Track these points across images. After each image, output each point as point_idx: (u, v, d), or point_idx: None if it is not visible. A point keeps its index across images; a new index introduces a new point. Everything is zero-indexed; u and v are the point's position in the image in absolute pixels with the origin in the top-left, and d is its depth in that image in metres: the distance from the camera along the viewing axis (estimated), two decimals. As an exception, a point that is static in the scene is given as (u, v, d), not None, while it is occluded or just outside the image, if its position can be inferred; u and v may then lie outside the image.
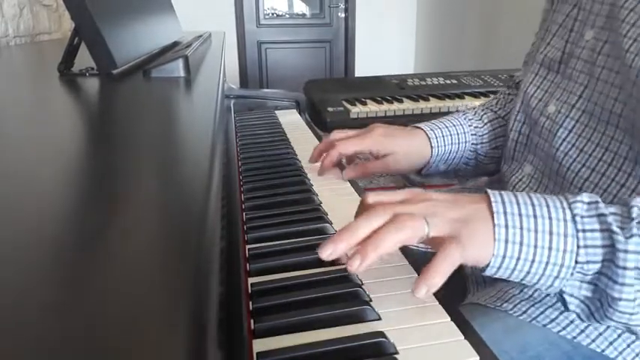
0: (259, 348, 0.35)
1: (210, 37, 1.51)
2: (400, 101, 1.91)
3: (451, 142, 0.75)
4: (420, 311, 0.40)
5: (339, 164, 0.72)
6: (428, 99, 1.93)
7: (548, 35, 0.68)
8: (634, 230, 0.39)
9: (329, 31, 4.06)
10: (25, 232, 0.26)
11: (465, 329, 0.38)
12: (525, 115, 0.69)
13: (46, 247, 0.24)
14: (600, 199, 0.42)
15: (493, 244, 0.41)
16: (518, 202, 0.42)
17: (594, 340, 0.54)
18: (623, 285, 0.39)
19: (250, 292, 0.41)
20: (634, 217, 0.40)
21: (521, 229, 0.41)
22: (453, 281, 0.50)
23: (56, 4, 1.61)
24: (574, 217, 0.41)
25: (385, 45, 4.08)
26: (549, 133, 0.62)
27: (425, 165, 0.75)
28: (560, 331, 0.55)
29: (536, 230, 0.41)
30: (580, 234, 0.41)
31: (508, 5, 2.79)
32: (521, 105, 0.70)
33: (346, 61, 4.14)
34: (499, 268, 0.41)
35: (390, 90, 2.02)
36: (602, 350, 0.54)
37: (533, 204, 0.42)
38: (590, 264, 0.41)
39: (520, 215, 0.42)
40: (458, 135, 0.76)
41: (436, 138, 0.74)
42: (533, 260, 0.41)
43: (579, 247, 0.41)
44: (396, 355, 0.34)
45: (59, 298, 0.20)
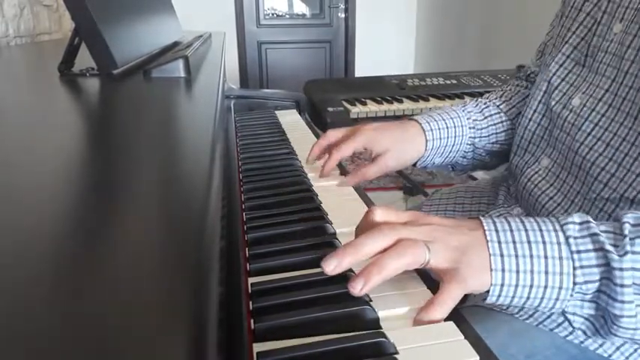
0: (259, 348, 0.35)
1: (211, 38, 1.51)
2: (400, 101, 1.91)
3: (447, 136, 0.74)
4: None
5: (338, 165, 0.72)
6: (428, 99, 1.93)
7: (574, 24, 0.66)
8: (627, 247, 0.40)
9: (329, 32, 4.06)
10: (25, 231, 0.26)
11: (465, 329, 0.38)
12: (546, 107, 0.67)
13: (46, 246, 0.24)
14: (592, 219, 0.43)
15: (490, 273, 0.41)
16: (511, 229, 0.43)
17: (601, 345, 0.54)
18: (622, 302, 0.40)
19: (250, 292, 0.41)
20: (626, 233, 0.41)
21: (517, 256, 0.41)
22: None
23: (56, 4, 1.61)
24: (567, 239, 0.42)
25: (385, 45, 4.08)
26: (572, 126, 0.61)
27: (420, 158, 0.74)
28: (567, 336, 0.54)
29: (532, 256, 0.41)
30: (575, 255, 0.41)
31: (508, 5, 2.79)
32: (543, 96, 0.68)
33: (346, 61, 4.14)
34: (499, 296, 0.42)
35: (390, 90, 2.02)
36: (609, 355, 0.53)
37: (526, 229, 0.43)
38: (589, 284, 0.41)
39: (514, 242, 0.42)
40: (455, 128, 0.74)
41: (431, 131, 0.72)
42: (531, 285, 0.41)
43: (575, 268, 0.41)
44: (396, 355, 0.34)
45: (58, 297, 0.20)
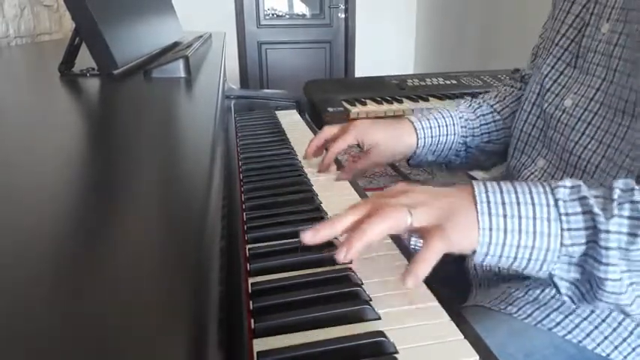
0: (259, 347, 0.35)
1: (211, 38, 1.51)
2: (400, 101, 1.91)
3: (438, 134, 0.76)
4: (420, 311, 0.40)
5: (335, 160, 0.75)
6: (428, 99, 1.93)
7: (563, 27, 0.67)
8: (615, 211, 0.40)
9: (329, 32, 4.06)
10: (25, 231, 0.26)
11: (465, 329, 0.38)
12: (540, 109, 0.68)
13: (46, 246, 0.24)
14: (583, 183, 0.43)
15: (478, 232, 0.42)
16: (501, 191, 0.43)
17: (599, 344, 0.54)
18: (607, 265, 0.40)
19: (250, 291, 0.41)
20: (615, 198, 0.41)
21: (505, 216, 0.42)
22: (455, 282, 0.50)
23: (57, 4, 1.61)
24: (556, 201, 0.42)
25: (385, 45, 4.08)
26: (566, 126, 0.62)
27: (412, 155, 0.76)
28: (566, 335, 0.54)
29: (520, 216, 0.42)
30: (563, 217, 0.42)
31: (508, 5, 2.79)
32: (537, 98, 0.69)
33: (346, 62, 4.14)
34: (486, 255, 0.42)
35: (390, 90, 2.02)
36: (608, 354, 0.53)
37: (516, 191, 0.43)
38: (575, 246, 0.41)
39: (503, 203, 0.42)
40: (447, 127, 0.76)
41: (422, 129, 0.75)
42: (518, 245, 0.42)
43: (563, 230, 0.41)
44: (396, 355, 0.34)
45: (58, 297, 0.20)
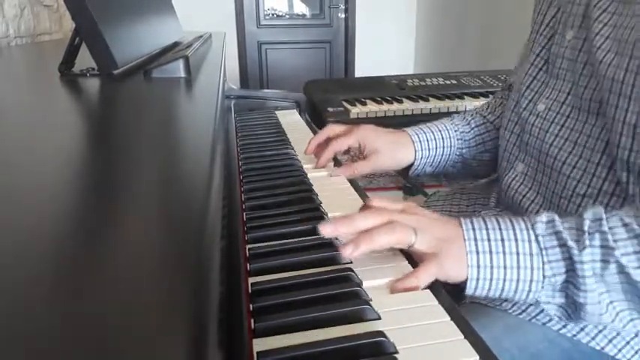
0: (259, 347, 0.35)
1: (211, 38, 1.51)
2: (400, 101, 1.91)
3: (435, 147, 0.79)
4: (420, 311, 0.40)
5: (333, 159, 0.77)
6: (428, 99, 1.93)
7: (538, 37, 0.70)
8: (586, 242, 0.44)
9: (329, 32, 4.06)
10: (25, 231, 0.26)
11: (465, 329, 0.38)
12: (518, 115, 0.71)
13: (46, 246, 0.24)
14: (557, 217, 0.47)
15: (466, 268, 0.46)
16: (487, 228, 0.48)
17: (594, 338, 0.54)
18: (585, 292, 0.44)
19: (250, 292, 0.41)
20: (585, 229, 0.45)
21: (491, 253, 0.46)
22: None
23: (57, 4, 1.61)
24: (537, 237, 0.46)
25: (385, 45, 4.08)
26: (540, 130, 0.65)
27: (410, 167, 0.79)
28: (560, 329, 0.55)
29: (504, 252, 0.46)
30: (543, 251, 0.46)
31: (508, 5, 2.79)
32: (515, 105, 0.72)
33: (346, 62, 4.14)
34: (475, 289, 0.47)
35: (390, 90, 2.02)
36: (602, 348, 0.54)
37: (500, 228, 0.47)
38: (557, 276, 0.46)
39: (489, 240, 0.47)
40: (443, 140, 0.79)
41: (420, 142, 0.78)
42: (504, 279, 0.46)
43: (544, 263, 0.46)
44: (396, 355, 0.34)
45: (58, 297, 0.20)
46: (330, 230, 0.45)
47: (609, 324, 0.46)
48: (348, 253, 0.44)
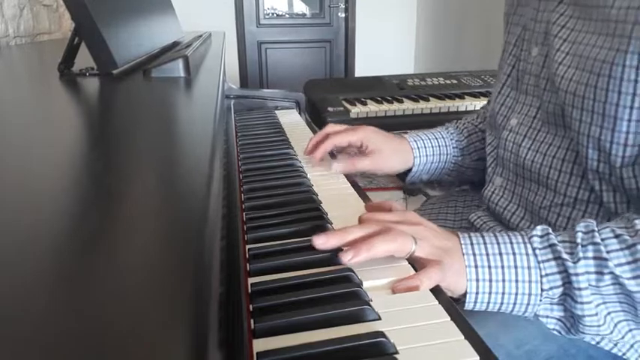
0: (259, 348, 0.35)
1: (211, 37, 1.51)
2: (400, 101, 1.91)
3: (432, 154, 0.81)
4: (420, 311, 0.40)
5: (330, 155, 0.77)
6: (428, 99, 1.92)
7: (507, 56, 0.73)
8: (580, 254, 0.45)
9: (329, 31, 4.06)
10: (25, 231, 0.26)
11: (465, 329, 0.38)
12: (495, 131, 0.73)
13: (46, 246, 0.24)
14: (551, 229, 0.48)
15: (466, 282, 0.47)
16: (485, 243, 0.48)
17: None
18: (582, 303, 0.45)
19: (250, 292, 0.41)
20: (578, 242, 0.46)
21: (489, 267, 0.47)
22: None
23: (56, 4, 1.61)
24: (534, 250, 0.47)
25: (385, 45, 4.07)
26: (513, 144, 0.67)
27: (408, 172, 0.80)
28: None
29: (503, 266, 0.47)
30: (541, 265, 0.47)
31: (508, 5, 2.79)
32: (492, 120, 0.74)
33: (346, 61, 4.13)
34: (475, 302, 0.48)
35: (390, 90, 2.02)
36: (597, 342, 0.55)
37: (498, 242, 0.48)
38: (554, 289, 0.46)
39: (487, 255, 0.47)
40: (439, 147, 0.81)
41: (418, 149, 0.80)
42: (503, 293, 0.47)
43: (542, 276, 0.46)
44: (396, 356, 0.34)
45: (59, 297, 0.20)
46: (323, 241, 0.46)
47: (608, 335, 0.47)
48: (347, 259, 0.44)
